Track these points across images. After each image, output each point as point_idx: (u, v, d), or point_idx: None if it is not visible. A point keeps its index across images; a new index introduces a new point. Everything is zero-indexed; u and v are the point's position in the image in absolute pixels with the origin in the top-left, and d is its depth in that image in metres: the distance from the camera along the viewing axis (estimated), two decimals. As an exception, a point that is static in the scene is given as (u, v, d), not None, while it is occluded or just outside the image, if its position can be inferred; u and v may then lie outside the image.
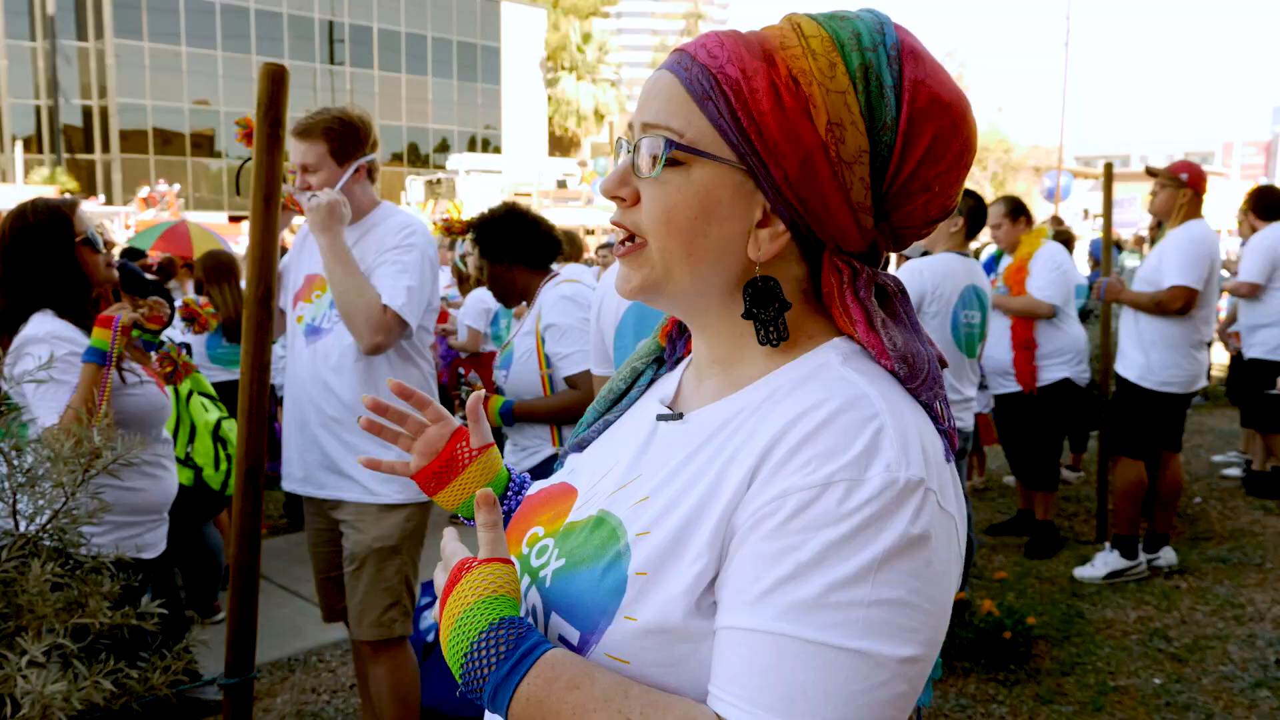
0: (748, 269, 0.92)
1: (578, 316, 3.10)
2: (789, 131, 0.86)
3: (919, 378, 0.89)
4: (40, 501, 1.73)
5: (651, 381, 1.13)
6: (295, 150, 2.79)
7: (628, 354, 1.62)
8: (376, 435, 1.28)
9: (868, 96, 0.86)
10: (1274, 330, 5.88)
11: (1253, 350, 6.00)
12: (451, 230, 4.75)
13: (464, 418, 1.29)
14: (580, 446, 1.13)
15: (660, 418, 0.99)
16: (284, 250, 3.43)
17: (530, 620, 0.92)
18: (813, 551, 0.78)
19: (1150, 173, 4.86)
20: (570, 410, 3.03)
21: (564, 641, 0.89)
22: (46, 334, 2.45)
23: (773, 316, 0.90)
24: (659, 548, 0.85)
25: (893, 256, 5.64)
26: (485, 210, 3.41)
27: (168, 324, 2.79)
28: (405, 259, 2.73)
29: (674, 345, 1.11)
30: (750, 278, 0.91)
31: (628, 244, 0.94)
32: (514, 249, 3.26)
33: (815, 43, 0.87)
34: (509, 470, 1.29)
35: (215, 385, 4.67)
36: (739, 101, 0.87)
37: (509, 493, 1.26)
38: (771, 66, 0.87)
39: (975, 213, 4.35)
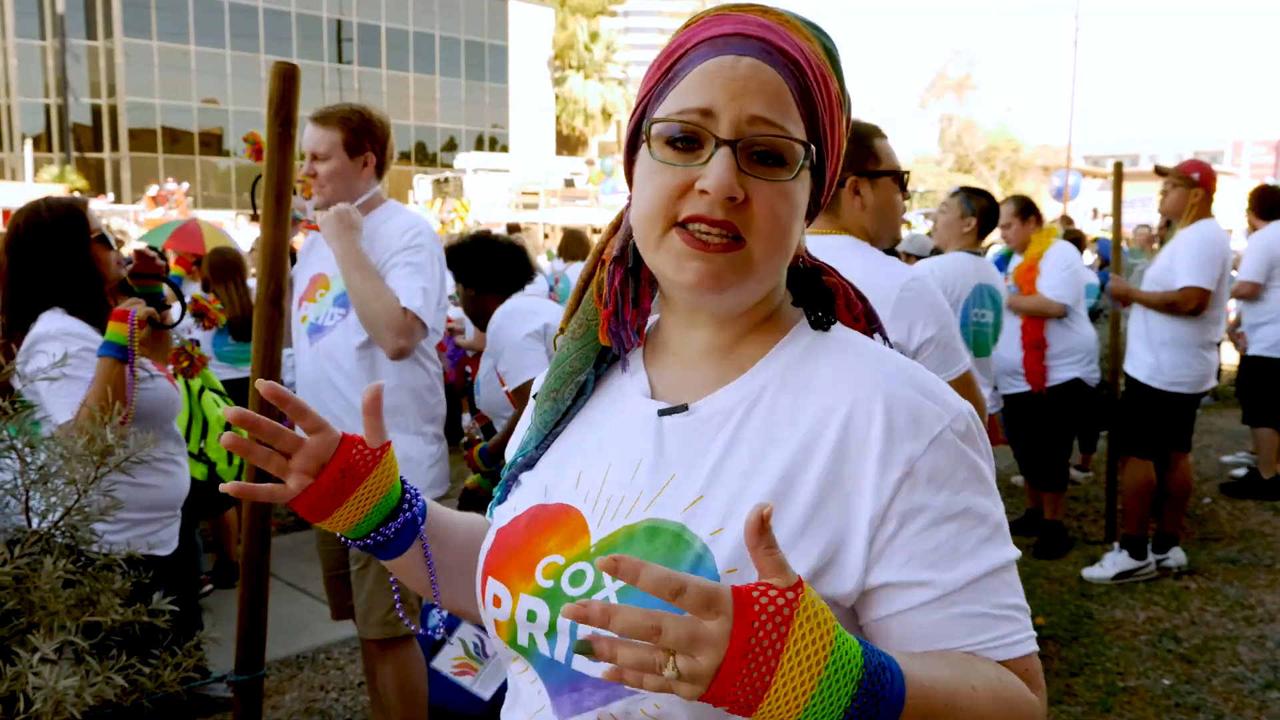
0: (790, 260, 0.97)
1: (518, 330, 3.23)
2: (840, 134, 0.95)
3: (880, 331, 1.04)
4: (53, 499, 1.73)
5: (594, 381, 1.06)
6: (310, 137, 2.80)
7: None
8: (245, 457, 0.99)
9: (847, 102, 0.97)
10: (1273, 327, 5.86)
11: (1253, 347, 6.00)
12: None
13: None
14: (529, 465, 1.05)
15: (662, 413, 0.97)
16: (293, 254, 3.44)
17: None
18: (962, 500, 0.88)
19: (1159, 172, 4.84)
20: None
21: None
22: (58, 331, 2.45)
23: (823, 302, 0.99)
24: (739, 541, 0.84)
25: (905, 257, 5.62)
26: (456, 237, 3.53)
27: (180, 320, 2.80)
28: (416, 259, 2.72)
29: (619, 341, 1.02)
30: (793, 267, 1.00)
31: (726, 240, 0.88)
32: (483, 276, 3.40)
33: (825, 46, 0.94)
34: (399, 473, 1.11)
35: (222, 383, 4.68)
36: (825, 105, 0.92)
37: (405, 502, 1.08)
38: (829, 68, 0.93)
39: (988, 213, 4.35)
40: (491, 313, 3.40)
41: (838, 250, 2.32)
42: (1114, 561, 4.75)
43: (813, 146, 0.91)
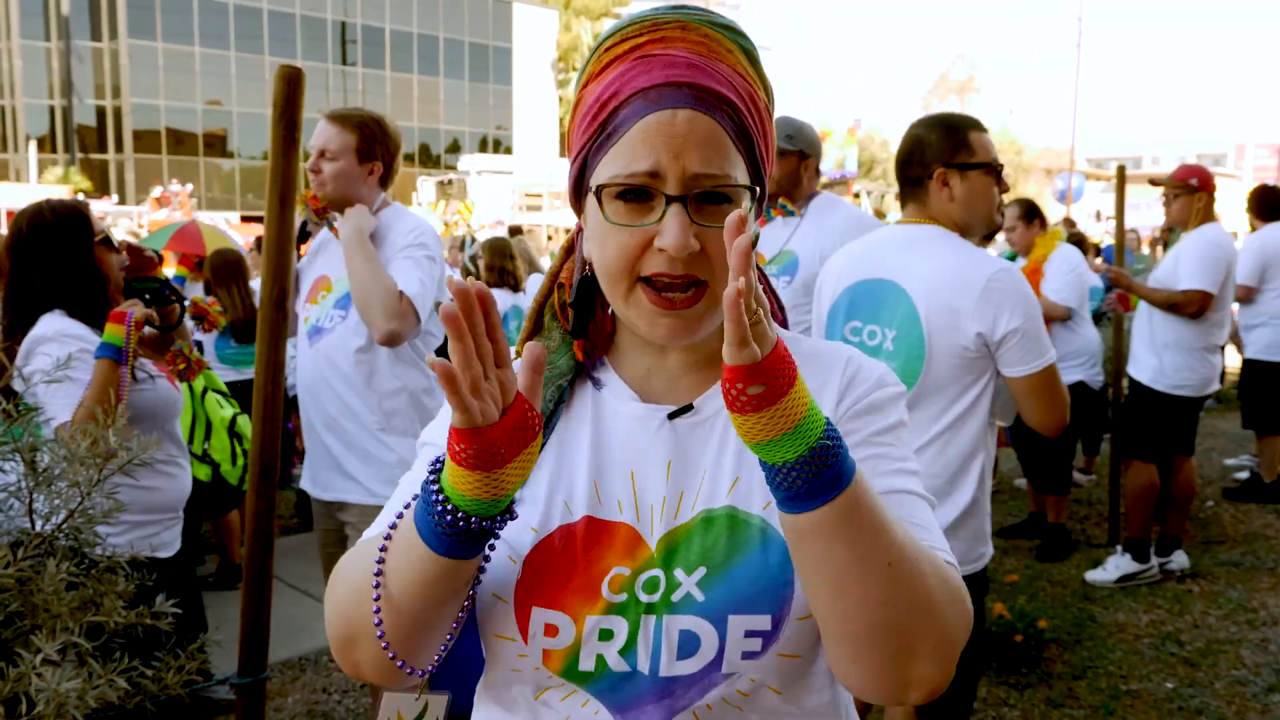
0: None
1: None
2: (771, 134, 0.99)
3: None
4: (56, 501, 1.74)
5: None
6: (322, 133, 2.81)
7: None
8: (455, 337, 0.77)
9: (771, 99, 1.02)
10: (1267, 330, 5.85)
11: (1248, 350, 6.00)
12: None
13: None
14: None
15: (672, 415, 1.00)
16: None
17: (695, 644, 0.92)
18: (891, 434, 1.01)
19: (1154, 183, 4.83)
20: None
21: (754, 634, 0.91)
22: (56, 332, 2.45)
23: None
24: None
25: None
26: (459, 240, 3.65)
27: (179, 322, 2.81)
28: (417, 254, 2.76)
29: (591, 359, 1.06)
30: None
31: (691, 290, 0.93)
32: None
33: (744, 49, 0.97)
34: None
35: (226, 385, 4.69)
36: (760, 129, 0.96)
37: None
38: (753, 75, 0.96)
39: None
40: None
41: (926, 240, 2.37)
42: (1117, 565, 4.75)
43: (756, 187, 0.95)
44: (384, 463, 2.76)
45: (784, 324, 1.14)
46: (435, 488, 0.82)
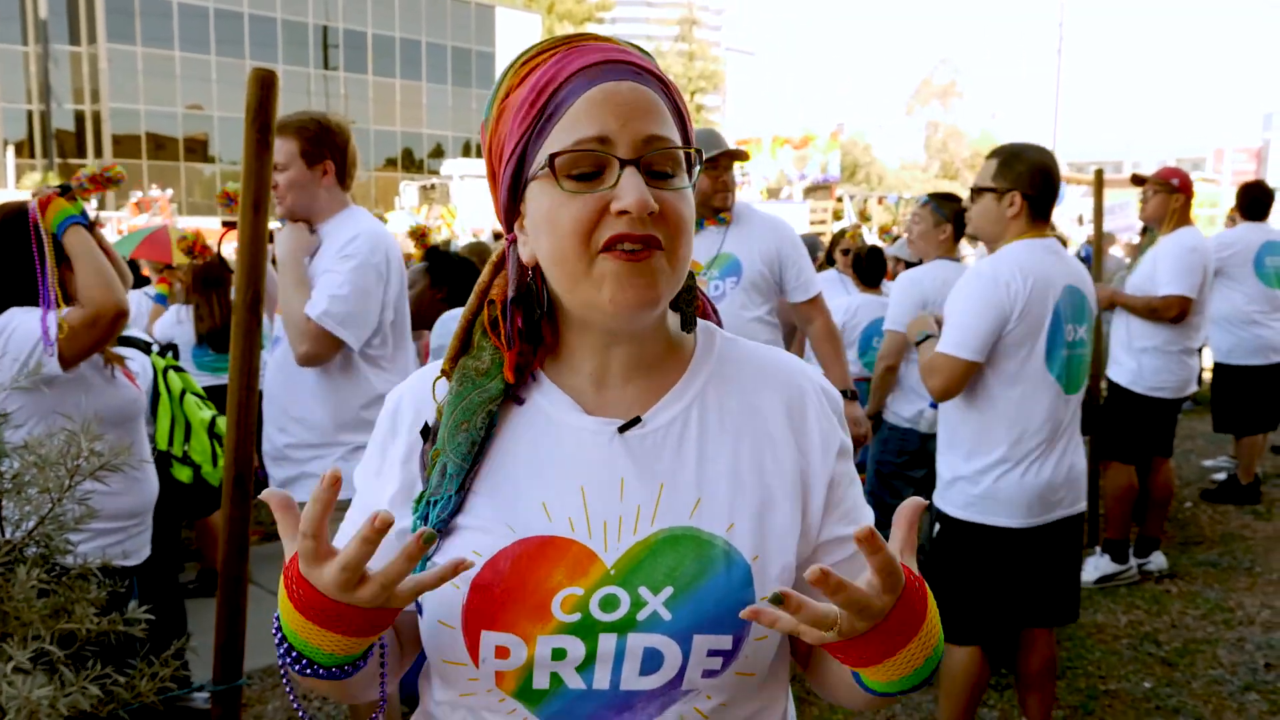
0: None
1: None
2: (691, 130, 1.00)
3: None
4: (27, 507, 1.72)
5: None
6: None
7: None
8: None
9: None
10: (1228, 335, 5.85)
11: (1215, 355, 6.01)
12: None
13: None
14: (458, 509, 0.97)
15: (621, 429, 0.98)
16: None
17: (658, 661, 0.94)
18: (852, 465, 1.08)
19: (1138, 180, 4.88)
20: None
21: (715, 654, 0.94)
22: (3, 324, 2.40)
23: (689, 302, 1.04)
24: (751, 530, 0.96)
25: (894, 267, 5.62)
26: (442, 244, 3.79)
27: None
28: (341, 268, 2.68)
29: (520, 378, 1.01)
30: None
31: (651, 250, 0.91)
32: (456, 287, 3.62)
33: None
34: None
35: (203, 389, 4.66)
36: (685, 112, 0.99)
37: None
38: (672, 86, 0.99)
39: (960, 216, 4.35)
40: (432, 317, 3.60)
41: (1065, 252, 2.93)
42: (1096, 566, 4.77)
43: (694, 152, 0.97)
44: (319, 474, 2.76)
45: (718, 322, 1.13)
46: (279, 635, 0.91)
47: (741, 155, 3.53)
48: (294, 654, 0.90)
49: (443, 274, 3.61)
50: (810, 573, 0.77)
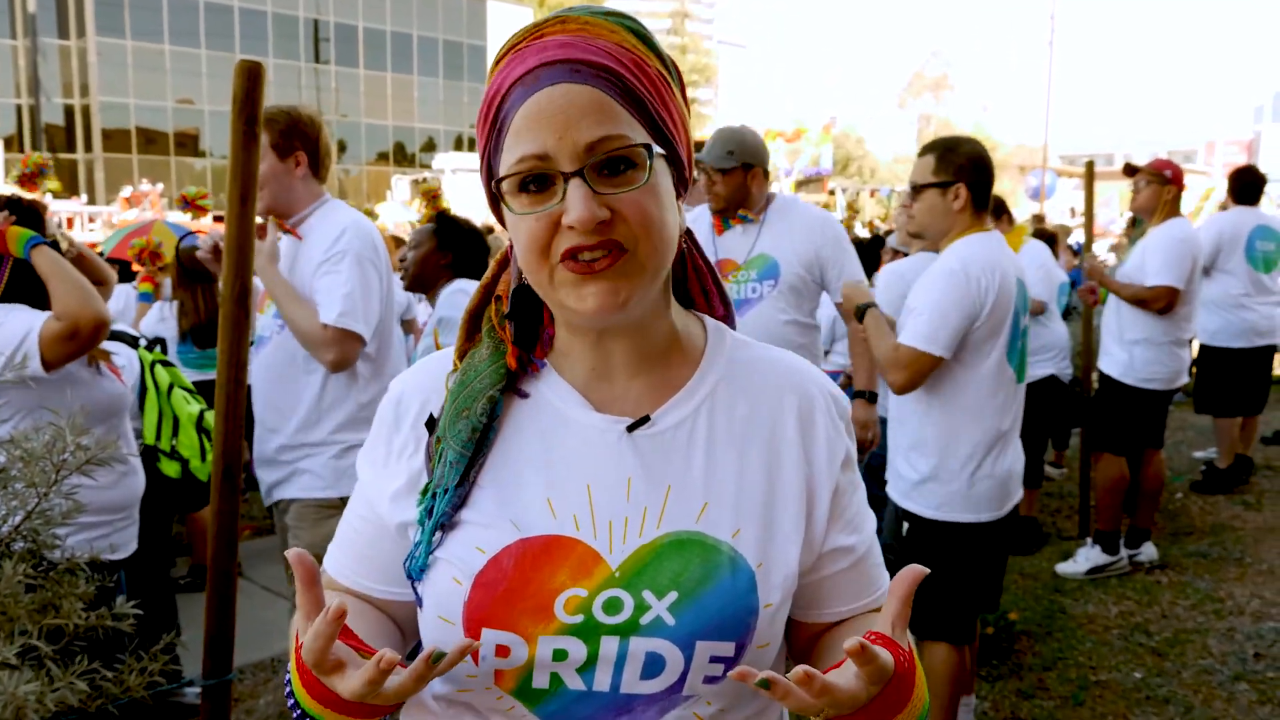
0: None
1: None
2: (676, 104, 0.96)
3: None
4: (14, 502, 1.71)
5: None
6: None
7: None
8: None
9: (672, 71, 0.98)
10: (1215, 317, 5.88)
11: (1200, 336, 6.01)
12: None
13: None
14: (462, 503, 0.96)
15: (630, 428, 0.97)
16: None
17: (660, 665, 0.93)
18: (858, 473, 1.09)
19: (1130, 170, 4.88)
20: None
21: (717, 660, 0.93)
22: None
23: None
24: (757, 536, 0.96)
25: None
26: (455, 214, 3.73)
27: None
28: (338, 268, 2.67)
29: (524, 366, 1.01)
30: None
31: (611, 254, 0.89)
32: (464, 256, 3.54)
33: (634, 30, 0.94)
34: None
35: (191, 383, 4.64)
36: (651, 89, 0.92)
37: None
38: (643, 49, 0.93)
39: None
40: (436, 283, 3.55)
41: None
42: (1087, 556, 4.79)
43: (653, 144, 0.91)
44: (309, 471, 2.77)
45: (731, 321, 1.10)
46: (289, 690, 0.92)
47: (753, 169, 3.43)
48: (299, 710, 0.93)
49: (449, 239, 3.57)
50: (794, 674, 0.79)
